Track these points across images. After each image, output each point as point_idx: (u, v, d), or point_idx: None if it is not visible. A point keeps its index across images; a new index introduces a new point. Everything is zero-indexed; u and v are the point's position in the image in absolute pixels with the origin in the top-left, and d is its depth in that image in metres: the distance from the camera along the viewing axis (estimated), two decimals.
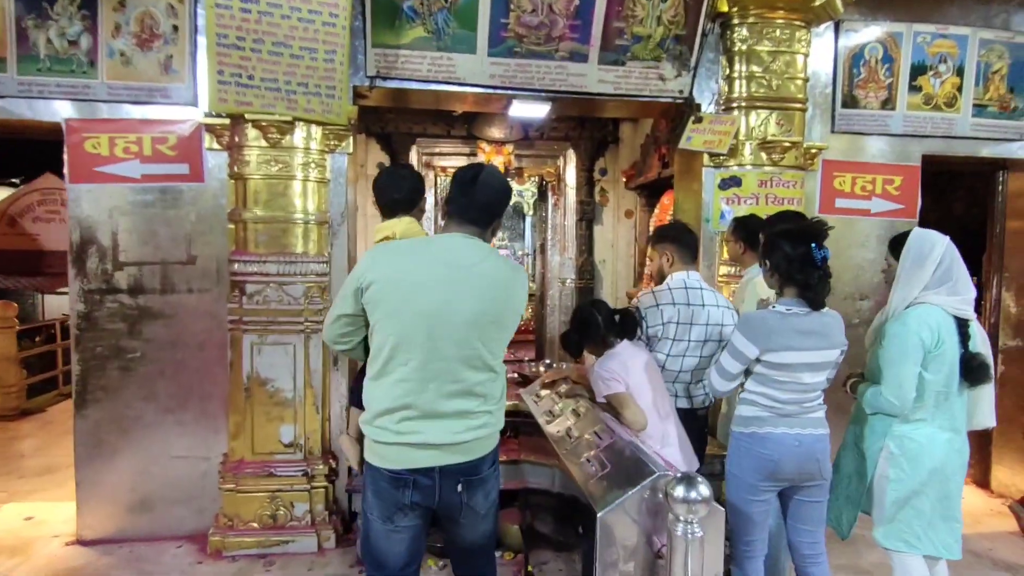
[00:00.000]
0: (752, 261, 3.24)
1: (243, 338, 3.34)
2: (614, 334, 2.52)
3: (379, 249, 1.96)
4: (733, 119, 3.66)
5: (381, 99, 3.92)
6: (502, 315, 1.89)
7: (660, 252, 2.81)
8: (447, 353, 1.81)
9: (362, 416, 1.93)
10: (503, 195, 1.96)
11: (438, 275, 1.82)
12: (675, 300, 2.70)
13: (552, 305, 6.36)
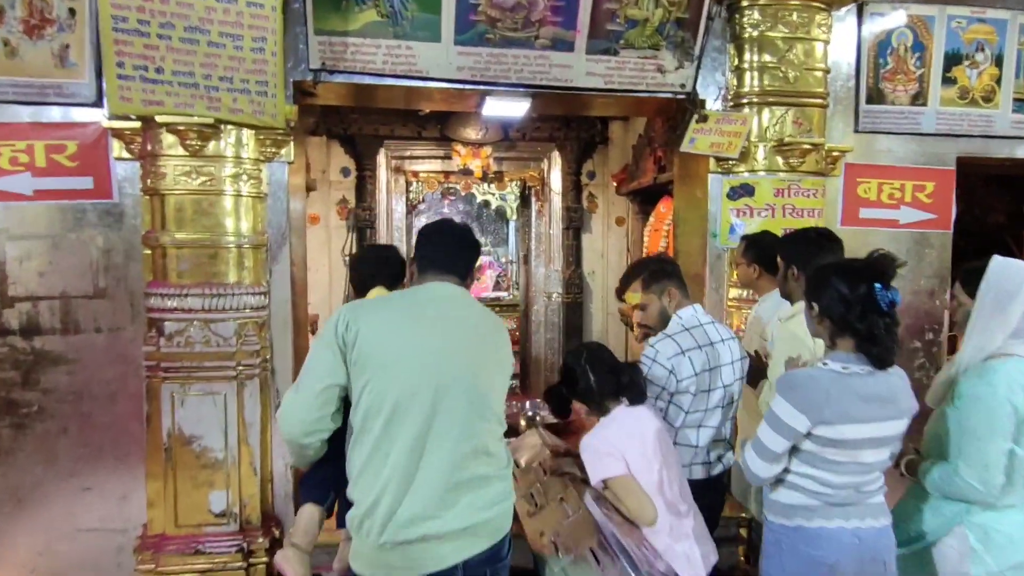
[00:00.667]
0: (770, 287, 2.72)
1: (162, 387, 2.75)
2: (614, 396, 1.97)
3: (354, 304, 1.78)
4: (744, 117, 3.12)
5: (333, 97, 3.34)
6: (502, 361, 1.79)
7: (660, 293, 2.26)
8: (457, 404, 1.62)
9: (349, 515, 1.64)
10: (475, 245, 1.88)
11: (431, 321, 1.68)
12: (699, 342, 2.18)
13: (537, 321, 5.82)
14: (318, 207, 5.11)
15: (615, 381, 1.95)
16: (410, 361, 1.61)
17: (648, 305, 2.25)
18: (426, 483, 1.58)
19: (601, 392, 1.94)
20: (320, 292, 5.17)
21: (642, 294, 2.24)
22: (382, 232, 5.32)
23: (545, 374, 5.73)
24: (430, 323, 1.66)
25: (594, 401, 1.97)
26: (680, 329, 2.20)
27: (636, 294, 2.25)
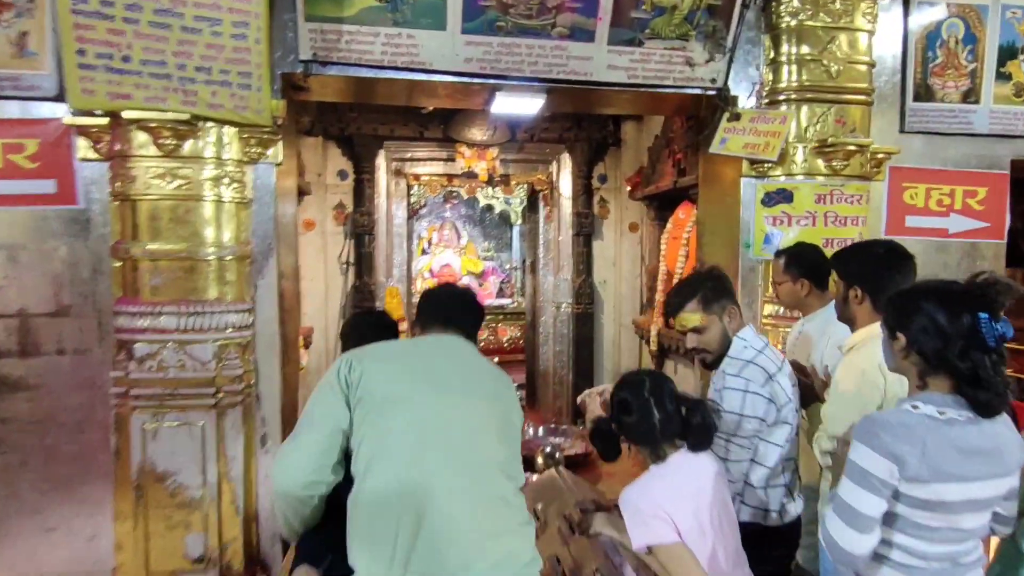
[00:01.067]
0: (819, 304, 2.41)
1: (131, 417, 2.45)
2: (672, 440, 1.65)
3: (357, 349, 1.63)
4: (784, 115, 2.82)
5: (327, 92, 3.05)
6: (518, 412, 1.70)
7: (721, 313, 1.93)
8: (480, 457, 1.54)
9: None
10: (479, 307, 1.87)
11: (441, 367, 1.61)
12: (769, 373, 1.88)
13: (545, 333, 5.50)
14: (313, 212, 4.81)
15: (682, 422, 1.63)
16: (421, 406, 1.52)
17: (708, 327, 1.93)
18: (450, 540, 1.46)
19: (664, 433, 1.63)
20: (315, 302, 4.86)
21: (702, 314, 1.92)
22: (381, 239, 5.02)
23: (553, 388, 5.42)
24: (440, 370, 1.59)
25: (651, 444, 1.66)
26: (754, 352, 1.90)
27: (695, 314, 1.92)
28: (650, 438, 1.64)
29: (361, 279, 4.93)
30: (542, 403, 5.57)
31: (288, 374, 2.84)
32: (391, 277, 5.15)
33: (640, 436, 1.66)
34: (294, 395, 3.02)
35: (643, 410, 1.62)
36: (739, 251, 3.03)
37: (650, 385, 1.65)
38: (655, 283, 4.59)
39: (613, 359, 5.38)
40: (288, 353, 2.85)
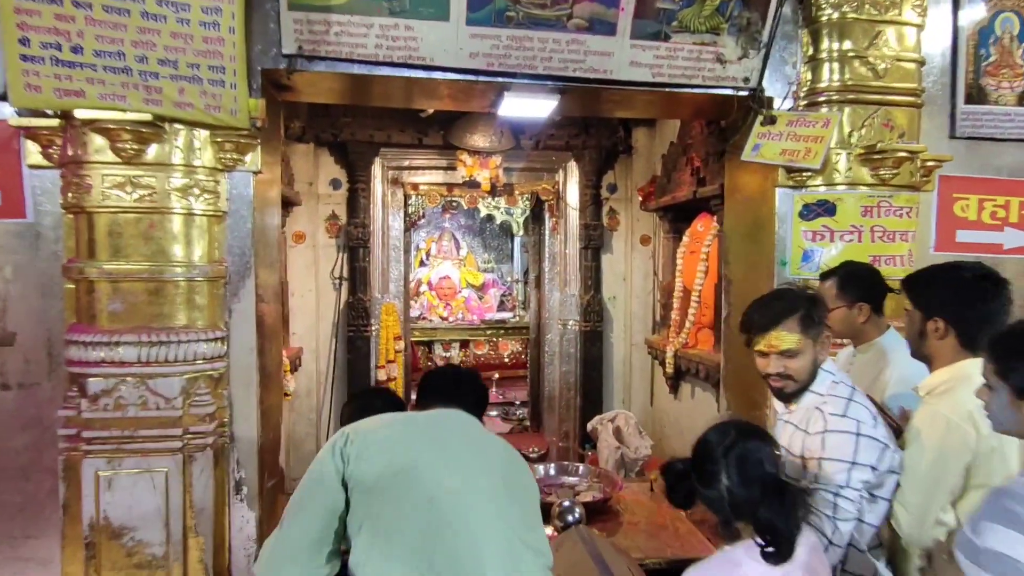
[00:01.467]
0: (876, 333, 2.11)
1: (83, 463, 2.12)
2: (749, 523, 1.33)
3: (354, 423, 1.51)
4: (827, 118, 2.51)
5: (314, 92, 2.74)
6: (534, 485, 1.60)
7: (816, 339, 1.66)
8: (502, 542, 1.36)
9: None
10: (484, 388, 1.80)
11: (450, 440, 1.49)
12: (872, 412, 1.62)
13: (551, 352, 5.18)
14: (304, 224, 4.50)
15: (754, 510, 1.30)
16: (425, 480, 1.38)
17: (801, 353, 1.63)
18: None
19: (736, 508, 1.31)
20: (306, 320, 4.54)
21: (800, 336, 1.63)
22: (377, 252, 4.71)
23: (560, 411, 5.09)
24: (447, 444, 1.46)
25: (722, 515, 1.34)
26: (849, 388, 1.64)
27: (792, 335, 1.63)
28: (719, 509, 1.32)
29: (355, 295, 4.61)
30: (547, 427, 5.24)
31: (269, 409, 2.51)
32: (387, 293, 4.83)
33: (709, 502, 1.35)
34: (276, 432, 2.69)
35: (712, 474, 1.30)
36: (773, 269, 2.71)
37: (738, 450, 1.33)
38: (670, 300, 4.28)
39: (624, 380, 5.05)
40: (269, 385, 2.52)
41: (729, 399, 3.10)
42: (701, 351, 3.85)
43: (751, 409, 2.88)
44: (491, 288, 8.85)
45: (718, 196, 3.46)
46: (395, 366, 4.77)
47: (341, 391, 4.68)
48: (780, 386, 1.70)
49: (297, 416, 4.55)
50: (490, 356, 8.33)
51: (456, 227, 9.28)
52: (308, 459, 4.21)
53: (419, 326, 7.64)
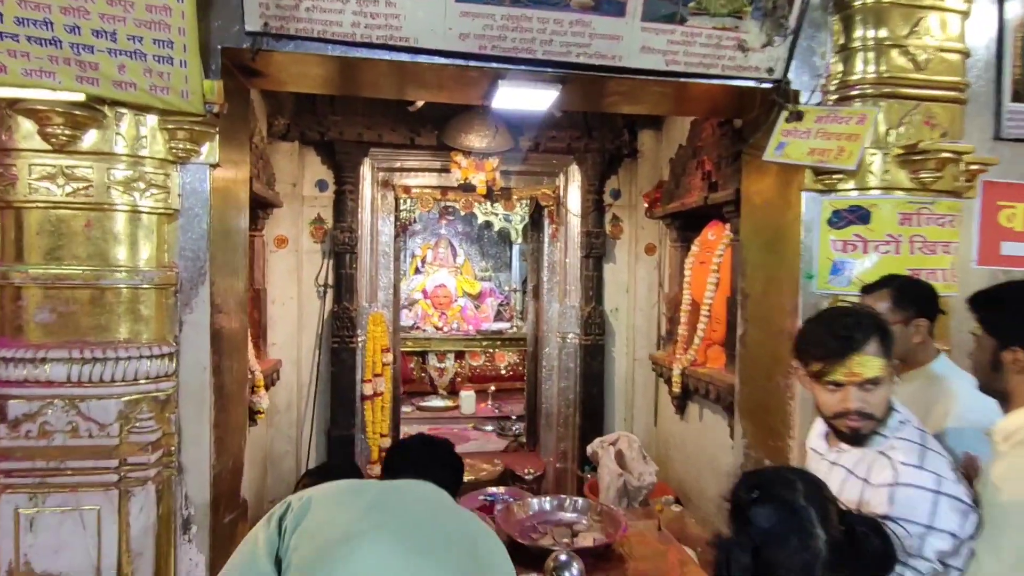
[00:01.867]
0: (927, 358, 1.82)
1: (1, 499, 1.82)
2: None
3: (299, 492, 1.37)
4: (863, 114, 2.23)
5: (288, 77, 2.46)
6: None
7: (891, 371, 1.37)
8: None
9: None
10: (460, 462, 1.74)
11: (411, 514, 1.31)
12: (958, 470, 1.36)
13: (549, 367, 4.88)
14: (287, 227, 4.21)
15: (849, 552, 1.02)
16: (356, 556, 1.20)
17: (882, 383, 1.35)
18: None
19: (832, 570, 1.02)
20: (286, 330, 4.24)
21: (883, 362, 1.35)
22: (365, 259, 4.42)
23: (558, 429, 4.78)
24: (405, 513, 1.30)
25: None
26: (919, 432, 1.37)
27: (877, 359, 1.35)
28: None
29: (340, 304, 4.32)
30: (544, 446, 4.94)
31: (227, 434, 2.22)
32: (375, 302, 4.54)
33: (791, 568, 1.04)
34: (236, 459, 2.39)
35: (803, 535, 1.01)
36: (797, 283, 2.43)
37: (806, 492, 1.04)
38: (677, 314, 3.99)
39: (626, 398, 4.75)
40: (228, 407, 2.22)
41: (745, 427, 2.80)
42: (711, 370, 3.56)
43: (770, 439, 2.59)
44: (488, 297, 8.56)
45: (732, 202, 3.18)
46: (382, 380, 4.47)
47: (324, 405, 4.38)
48: (858, 427, 1.39)
49: (275, 432, 4.25)
50: (486, 367, 8.03)
51: (453, 234, 9.01)
52: (288, 478, 3.89)
53: (412, 336, 7.34)
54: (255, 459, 3.90)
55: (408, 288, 8.43)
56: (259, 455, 3.98)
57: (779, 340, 2.54)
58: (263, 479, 4.09)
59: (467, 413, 7.15)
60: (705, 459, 3.81)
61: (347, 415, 4.35)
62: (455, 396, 7.41)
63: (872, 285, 1.95)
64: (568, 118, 4.53)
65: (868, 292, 1.95)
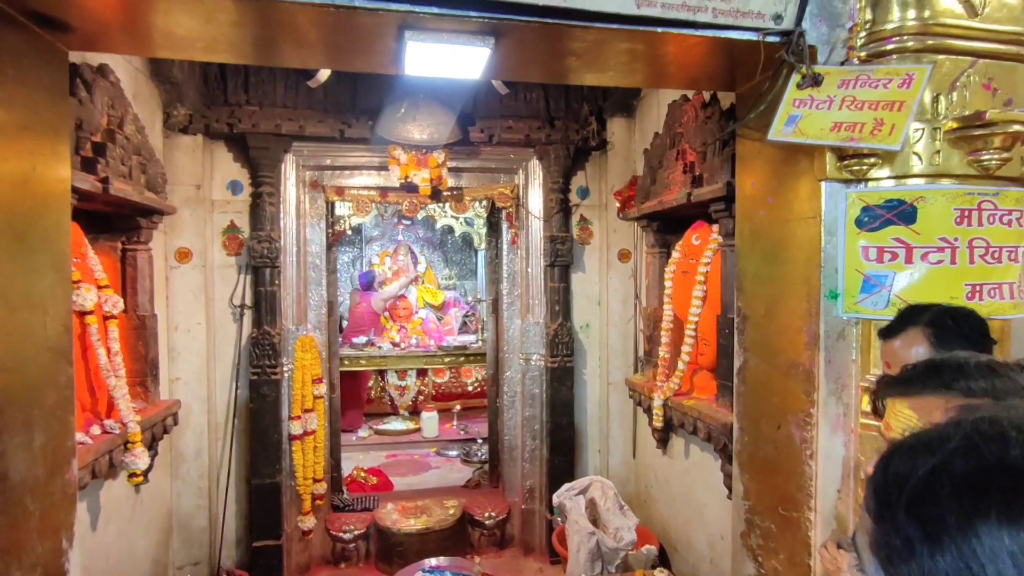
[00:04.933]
0: None
1: None
2: None
3: None
4: (911, 73, 1.63)
5: (99, 31, 1.78)
6: None
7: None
8: None
9: None
10: None
11: None
12: None
13: (511, 393, 4.24)
14: (190, 238, 3.51)
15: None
16: None
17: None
18: None
19: None
20: (194, 362, 3.54)
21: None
22: (290, 273, 3.74)
23: (523, 465, 4.14)
24: None
25: None
26: None
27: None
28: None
29: (261, 328, 3.62)
30: (508, 484, 4.29)
31: (23, 544, 1.52)
32: (304, 323, 3.85)
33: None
34: (50, 569, 1.69)
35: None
36: (816, 304, 1.83)
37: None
38: (657, 332, 3.38)
39: (600, 427, 4.13)
40: (26, 502, 1.53)
41: (748, 486, 2.19)
42: (699, 402, 2.95)
43: (781, 506, 1.98)
44: (452, 308, 7.90)
45: (721, 199, 2.59)
46: (313, 416, 3.78)
47: (243, 448, 3.68)
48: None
49: (183, 485, 3.54)
50: (451, 384, 7.38)
51: (413, 240, 8.33)
52: (200, 538, 3.14)
53: (365, 354, 6.64)
54: (151, 523, 3.19)
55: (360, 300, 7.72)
56: (157, 517, 3.27)
57: (791, 378, 1.93)
58: (165, 544, 3.38)
59: (430, 436, 6.49)
60: (693, 506, 3.20)
61: (271, 459, 3.66)
62: (417, 417, 6.74)
63: (897, 325, 1.37)
64: (526, 105, 3.91)
65: (892, 334, 1.37)
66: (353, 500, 4.22)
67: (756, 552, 2.13)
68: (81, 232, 2.50)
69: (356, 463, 5.19)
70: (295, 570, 3.78)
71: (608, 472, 4.05)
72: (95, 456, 2.27)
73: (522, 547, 4.14)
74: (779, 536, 1.99)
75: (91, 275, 2.49)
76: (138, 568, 3.02)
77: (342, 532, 3.92)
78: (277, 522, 3.65)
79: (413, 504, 4.15)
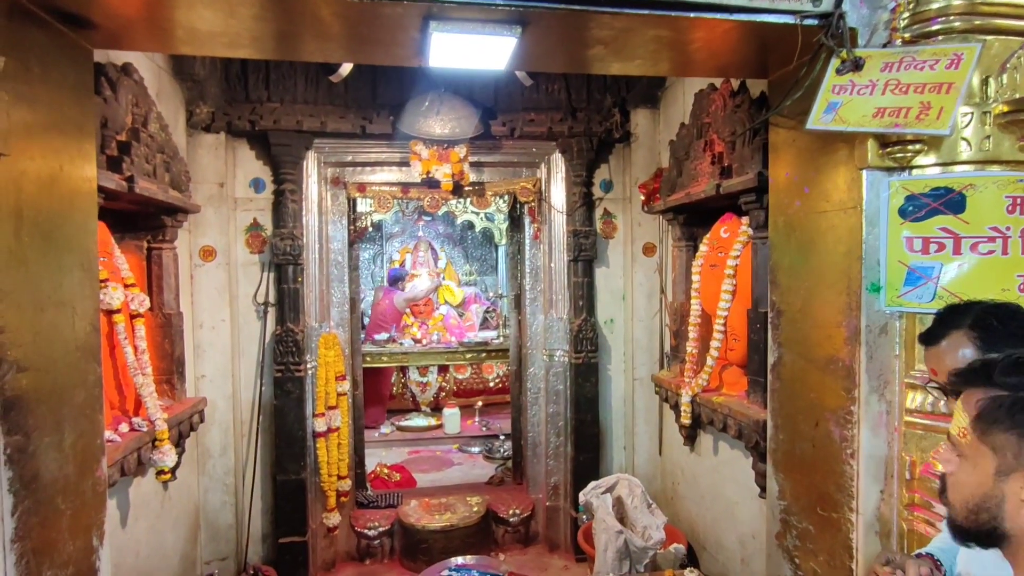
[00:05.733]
0: None
1: None
2: None
3: None
4: (960, 53, 1.55)
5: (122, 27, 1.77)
6: None
7: None
8: None
9: None
10: None
11: None
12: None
13: (535, 389, 4.20)
14: (214, 236, 3.53)
15: None
16: None
17: None
18: None
19: None
20: (219, 360, 3.56)
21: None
22: (313, 270, 3.74)
23: (547, 463, 4.11)
24: None
25: None
26: None
27: None
28: None
29: (284, 325, 3.63)
30: (533, 480, 4.26)
31: (51, 543, 1.53)
32: (327, 320, 3.85)
33: None
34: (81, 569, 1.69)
35: None
36: (857, 297, 1.76)
37: None
38: (684, 327, 3.31)
39: (625, 424, 4.08)
40: (56, 501, 1.53)
41: (783, 485, 2.13)
42: (729, 399, 2.88)
43: (820, 507, 1.91)
44: (473, 304, 7.87)
45: (752, 190, 2.51)
46: (337, 413, 3.78)
47: (268, 446, 3.69)
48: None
49: (210, 481, 3.56)
50: (473, 380, 7.36)
51: (434, 236, 8.32)
52: (227, 534, 3.16)
53: (387, 351, 6.65)
54: (179, 519, 3.21)
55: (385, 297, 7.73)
56: (185, 513, 3.30)
57: (830, 374, 1.86)
58: (193, 540, 3.41)
59: (451, 433, 6.47)
60: (722, 504, 3.14)
61: (296, 456, 3.67)
62: (439, 413, 6.73)
63: (938, 329, 1.30)
64: (548, 97, 3.85)
65: (935, 340, 1.30)
66: (377, 497, 4.22)
67: (792, 553, 2.07)
68: (108, 231, 2.51)
69: (379, 459, 5.20)
70: (321, 566, 3.79)
71: (634, 469, 4.00)
72: (124, 454, 2.28)
73: (547, 544, 4.11)
74: (818, 537, 1.93)
75: (118, 274, 2.50)
76: (167, 564, 3.04)
77: (367, 529, 3.92)
78: (302, 519, 3.66)
79: (437, 501, 4.13)
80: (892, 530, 1.73)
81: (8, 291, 1.40)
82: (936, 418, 1.66)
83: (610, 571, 2.79)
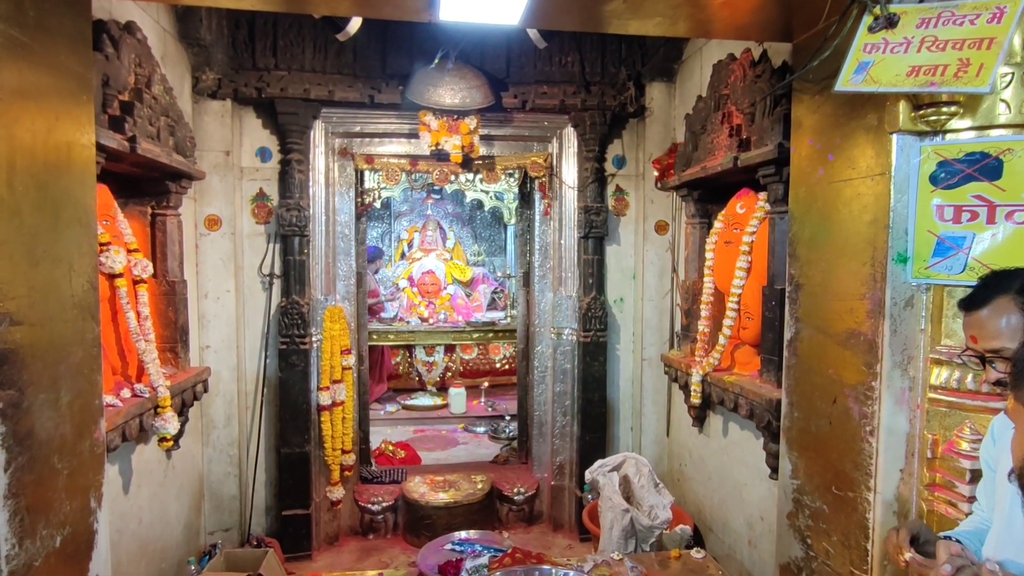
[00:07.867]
0: None
1: None
2: None
3: None
4: (1002, 6, 1.46)
5: None
6: None
7: None
8: None
9: None
10: None
11: None
12: None
13: (542, 368, 4.15)
14: (219, 206, 3.47)
15: None
16: None
17: None
18: None
19: None
20: (223, 330, 3.52)
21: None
22: (319, 242, 3.69)
23: (553, 442, 4.07)
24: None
25: None
26: None
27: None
28: None
29: (290, 297, 3.59)
30: (538, 459, 4.22)
31: (46, 501, 1.50)
32: (333, 294, 3.80)
33: None
34: (79, 530, 1.66)
35: None
36: (882, 268, 1.68)
37: None
38: (696, 306, 3.24)
39: (633, 404, 4.03)
40: (52, 459, 1.50)
41: (796, 463, 2.07)
42: (741, 378, 2.82)
43: (835, 485, 1.86)
44: (480, 284, 7.82)
45: (771, 162, 2.43)
46: (342, 387, 3.75)
47: (273, 418, 3.67)
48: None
49: (214, 452, 3.55)
50: (479, 361, 7.33)
51: (442, 215, 8.25)
52: (229, 506, 3.14)
53: (394, 329, 6.62)
54: (183, 488, 3.20)
55: (393, 275, 7.70)
56: (189, 483, 3.28)
57: (850, 349, 1.79)
58: (197, 509, 3.40)
59: (457, 413, 6.46)
60: (730, 485, 3.09)
61: (300, 429, 3.65)
62: (445, 393, 6.71)
63: (982, 293, 1.24)
64: (561, 69, 3.76)
65: (977, 305, 1.24)
66: (381, 472, 4.20)
67: (804, 533, 2.01)
68: (111, 195, 2.46)
69: (384, 437, 5.19)
70: (324, 539, 3.79)
71: (640, 450, 3.95)
72: (125, 419, 2.25)
73: (551, 523, 4.08)
74: (831, 517, 1.87)
75: (120, 238, 2.45)
76: (170, 532, 3.03)
77: (370, 503, 3.91)
78: (306, 491, 3.65)
79: (442, 478, 4.11)
80: (911, 510, 1.67)
81: (0, 241, 1.35)
82: (962, 395, 1.59)
83: (616, 549, 2.75)
